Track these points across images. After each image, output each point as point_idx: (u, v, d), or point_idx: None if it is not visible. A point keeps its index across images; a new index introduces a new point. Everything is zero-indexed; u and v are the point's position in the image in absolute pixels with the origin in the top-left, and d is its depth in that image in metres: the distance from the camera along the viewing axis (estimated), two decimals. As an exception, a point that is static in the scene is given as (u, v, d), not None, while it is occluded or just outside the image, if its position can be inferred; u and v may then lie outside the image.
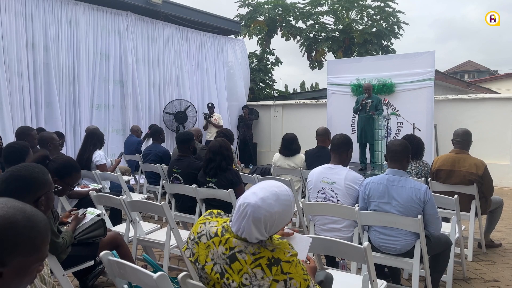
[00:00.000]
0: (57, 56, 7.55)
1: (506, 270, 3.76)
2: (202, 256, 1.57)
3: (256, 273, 1.44)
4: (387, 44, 13.76)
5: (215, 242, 1.54)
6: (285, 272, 1.43)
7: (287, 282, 1.43)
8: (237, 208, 1.50)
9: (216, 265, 1.52)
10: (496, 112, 8.36)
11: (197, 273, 1.63)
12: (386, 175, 2.86)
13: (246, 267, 1.46)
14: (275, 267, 1.44)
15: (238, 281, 1.46)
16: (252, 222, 1.45)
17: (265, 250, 1.48)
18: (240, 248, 1.49)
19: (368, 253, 2.04)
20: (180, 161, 4.11)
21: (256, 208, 1.45)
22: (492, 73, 34.30)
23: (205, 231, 1.60)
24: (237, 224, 1.50)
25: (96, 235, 2.84)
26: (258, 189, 1.50)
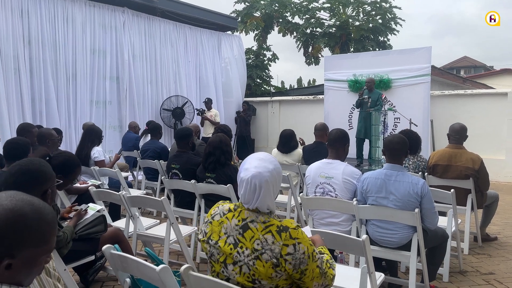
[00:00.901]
0: (54, 52, 7.54)
1: (501, 263, 3.82)
2: (215, 233, 1.67)
3: (267, 239, 1.56)
4: (383, 40, 13.79)
5: (229, 217, 1.67)
6: (294, 238, 1.56)
7: (296, 246, 1.55)
8: (244, 186, 1.62)
9: (229, 237, 1.63)
10: (492, 108, 8.42)
11: (208, 252, 1.70)
12: (384, 170, 2.90)
13: (257, 234, 1.58)
14: (284, 233, 1.56)
15: (250, 248, 1.57)
16: (262, 188, 1.60)
17: (274, 220, 1.63)
18: (252, 218, 1.62)
19: (367, 246, 2.08)
20: (179, 157, 4.13)
21: (259, 175, 1.60)
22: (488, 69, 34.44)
23: (218, 211, 1.73)
24: (248, 197, 1.62)
25: (97, 230, 2.86)
26: (248, 165, 1.65)
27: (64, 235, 2.56)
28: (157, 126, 6.18)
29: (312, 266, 1.59)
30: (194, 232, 3.69)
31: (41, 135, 4.35)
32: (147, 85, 9.34)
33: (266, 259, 1.54)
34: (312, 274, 1.59)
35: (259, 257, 1.56)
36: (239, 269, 1.60)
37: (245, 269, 1.59)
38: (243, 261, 1.58)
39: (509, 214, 5.68)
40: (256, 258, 1.56)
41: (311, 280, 1.60)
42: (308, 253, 1.58)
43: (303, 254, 1.56)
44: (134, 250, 3.36)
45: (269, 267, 1.55)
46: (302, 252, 1.56)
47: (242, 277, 1.60)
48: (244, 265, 1.58)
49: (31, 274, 1.14)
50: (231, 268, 1.62)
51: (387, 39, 13.80)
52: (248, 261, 1.57)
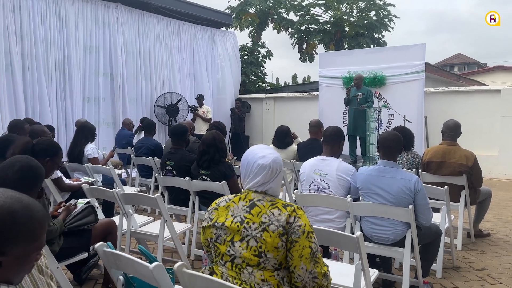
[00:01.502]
0: (46, 48, 7.46)
1: (494, 259, 3.84)
2: (222, 217, 1.74)
3: (273, 212, 1.67)
4: (378, 37, 13.81)
5: (235, 200, 1.76)
6: (296, 213, 1.68)
7: (296, 218, 1.65)
8: (265, 171, 1.73)
9: (236, 217, 1.71)
10: (485, 104, 8.47)
11: (214, 235, 1.75)
12: (377, 166, 2.90)
13: (264, 210, 1.68)
14: (289, 207, 1.69)
15: (258, 221, 1.66)
16: (280, 171, 1.78)
17: (280, 200, 1.75)
18: (259, 198, 1.73)
19: (361, 243, 2.08)
20: (174, 154, 4.11)
21: (277, 159, 1.77)
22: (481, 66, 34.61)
23: (223, 199, 1.82)
24: (265, 180, 1.74)
25: (88, 221, 2.83)
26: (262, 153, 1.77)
27: (55, 226, 2.54)
28: (151, 123, 6.14)
29: (304, 243, 1.63)
30: (188, 229, 3.68)
31: (33, 132, 4.31)
32: (141, 81, 9.28)
33: (273, 229, 1.63)
34: (301, 250, 1.63)
35: (266, 229, 1.64)
36: (246, 244, 1.66)
37: (252, 243, 1.65)
38: (250, 234, 1.66)
39: (502, 210, 5.72)
40: (264, 230, 1.64)
41: (299, 256, 1.63)
42: (304, 229, 1.65)
43: (299, 226, 1.64)
44: (128, 248, 3.34)
45: (276, 236, 1.63)
46: (299, 224, 1.64)
47: (249, 252, 1.65)
48: (252, 238, 1.65)
49: (22, 271, 1.13)
50: (238, 244, 1.68)
51: (381, 36, 13.83)
52: (256, 234, 1.65)
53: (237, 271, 1.68)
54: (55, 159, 3.00)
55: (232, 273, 1.69)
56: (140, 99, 9.31)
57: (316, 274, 1.66)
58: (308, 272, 1.65)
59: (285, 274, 1.70)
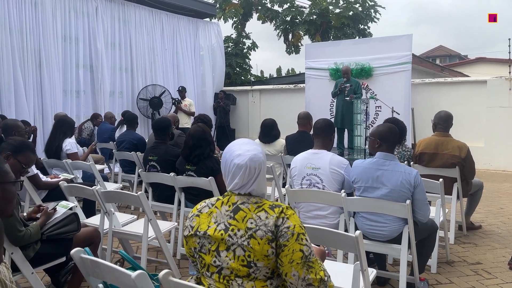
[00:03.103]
0: (21, 39, 7.13)
1: (488, 252, 3.78)
2: (203, 224, 1.57)
3: (260, 216, 1.51)
4: (364, 28, 13.71)
5: (218, 205, 1.59)
6: (285, 213, 1.52)
7: (284, 219, 1.50)
8: (242, 171, 1.55)
9: (219, 224, 1.54)
10: (471, 95, 8.46)
11: (197, 245, 1.57)
12: (375, 159, 2.77)
13: (250, 214, 1.52)
14: (277, 208, 1.53)
15: (243, 228, 1.49)
16: (260, 170, 1.57)
17: (266, 200, 1.58)
18: (243, 200, 1.56)
19: (360, 243, 1.94)
20: (157, 148, 3.91)
21: (255, 157, 1.56)
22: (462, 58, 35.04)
23: (206, 204, 1.63)
24: (244, 181, 1.56)
25: (69, 230, 2.63)
26: (240, 151, 1.58)
27: (27, 231, 2.34)
28: (133, 116, 5.91)
29: (294, 246, 1.47)
30: (174, 227, 3.51)
31: (7, 127, 4.06)
32: (123, 74, 9.01)
33: (261, 235, 1.47)
34: (291, 255, 1.46)
35: (254, 235, 1.48)
36: (232, 253, 1.49)
37: (239, 252, 1.48)
38: (236, 243, 1.49)
39: (491, 201, 5.70)
40: (250, 236, 1.48)
41: (289, 262, 1.46)
42: (293, 230, 1.49)
43: (287, 228, 1.49)
44: (110, 248, 3.15)
45: (265, 243, 1.47)
46: (287, 226, 1.49)
47: (237, 262, 1.48)
48: (238, 247, 1.48)
49: None
50: (225, 254, 1.50)
51: (367, 27, 13.72)
52: (242, 242, 1.48)
53: (225, 283, 1.51)
54: (18, 156, 2.77)
55: (220, 285, 1.52)
56: (123, 92, 9.03)
57: (311, 281, 1.48)
58: (301, 279, 1.47)
59: (279, 283, 1.54)
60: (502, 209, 5.31)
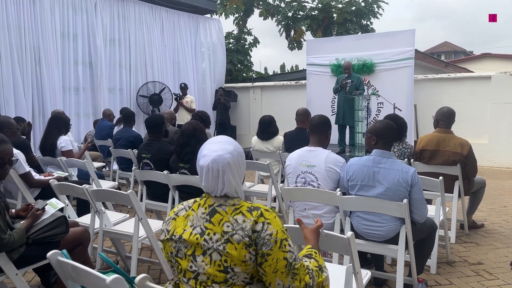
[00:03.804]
0: (19, 35, 7.07)
1: (490, 252, 3.68)
2: (179, 228, 1.50)
3: (237, 219, 1.43)
4: (366, 24, 13.55)
5: (194, 208, 1.52)
6: (265, 217, 1.43)
7: (265, 225, 1.41)
8: (205, 173, 1.48)
9: (195, 228, 1.46)
10: (475, 91, 8.32)
11: (174, 250, 1.50)
12: (372, 156, 2.68)
13: (226, 217, 1.44)
14: (255, 211, 1.44)
15: (219, 231, 1.42)
16: (225, 172, 1.47)
17: (244, 202, 1.50)
18: (220, 202, 1.48)
19: (352, 244, 1.86)
20: (150, 146, 3.84)
21: (219, 158, 1.47)
22: (467, 54, 34.70)
23: (183, 207, 1.57)
24: (212, 184, 1.48)
25: (57, 233, 2.53)
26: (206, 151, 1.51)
27: (10, 238, 2.26)
28: (130, 113, 5.84)
29: (278, 255, 1.40)
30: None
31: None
32: (123, 70, 8.93)
33: (238, 240, 1.39)
34: (275, 264, 1.39)
35: (230, 240, 1.40)
36: (209, 258, 1.42)
37: (216, 256, 1.41)
38: (212, 247, 1.41)
39: (494, 199, 5.58)
40: (227, 241, 1.40)
41: (273, 272, 1.39)
42: (276, 237, 1.40)
43: (269, 235, 1.40)
44: (100, 248, 3.08)
45: (242, 248, 1.39)
46: (269, 233, 1.40)
47: (213, 267, 1.41)
48: (214, 251, 1.41)
49: None
50: (201, 259, 1.43)
51: (370, 23, 13.57)
52: (218, 247, 1.40)
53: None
54: None
55: None
56: (122, 89, 8.96)
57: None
58: None
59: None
60: (506, 207, 5.19)
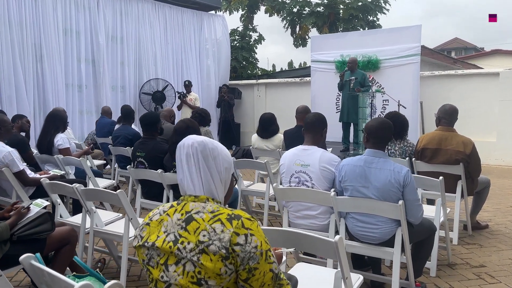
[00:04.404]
0: (21, 32, 7.07)
1: (493, 254, 3.56)
2: (153, 234, 1.39)
3: (215, 228, 1.31)
4: (373, 20, 13.35)
5: (170, 213, 1.41)
6: (246, 227, 1.32)
7: (248, 237, 1.30)
8: (179, 167, 1.44)
9: (169, 235, 1.36)
10: (483, 88, 8.14)
11: (146, 257, 1.40)
12: (363, 156, 2.58)
13: (203, 224, 1.33)
14: (235, 221, 1.33)
15: (194, 241, 1.31)
16: (206, 158, 1.42)
17: (225, 209, 1.38)
18: (198, 209, 1.37)
19: (340, 248, 1.77)
20: (145, 144, 3.77)
21: (202, 143, 1.42)
22: (478, 50, 34.18)
23: (158, 211, 1.46)
24: (189, 176, 1.41)
25: (42, 230, 2.49)
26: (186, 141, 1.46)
27: None
28: (129, 110, 5.77)
29: (264, 268, 1.31)
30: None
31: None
32: (125, 68, 8.90)
33: (214, 251, 1.28)
34: (262, 278, 1.32)
35: (205, 250, 1.29)
36: (182, 268, 1.32)
37: (189, 267, 1.31)
38: (186, 257, 1.31)
39: (500, 199, 5.44)
40: (202, 251, 1.29)
41: (260, 286, 1.32)
42: (262, 249, 1.31)
43: (255, 248, 1.30)
44: (91, 248, 3.03)
45: (218, 260, 1.28)
46: (254, 246, 1.30)
47: (186, 278, 1.31)
48: (188, 262, 1.31)
49: None
50: (173, 269, 1.33)
51: (376, 19, 13.36)
52: (192, 257, 1.30)
53: None
54: None
55: None
56: (124, 86, 8.93)
57: None
58: None
59: None
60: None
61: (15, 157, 3.74)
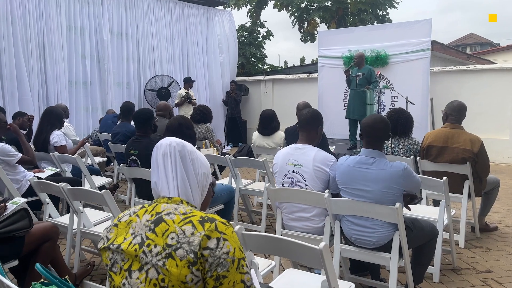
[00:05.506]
0: (25, 28, 7.03)
1: (501, 258, 3.38)
2: (120, 236, 1.28)
3: (185, 230, 1.20)
4: (383, 14, 13.06)
5: (140, 214, 1.30)
6: (220, 231, 1.21)
7: (220, 241, 1.19)
8: (154, 167, 1.37)
9: (136, 237, 1.25)
10: (496, 84, 7.86)
11: (109, 262, 1.28)
12: (359, 156, 2.43)
13: (173, 226, 1.22)
14: (208, 223, 1.22)
15: (162, 244, 1.20)
16: (184, 158, 1.36)
17: (199, 212, 1.28)
18: (169, 210, 1.27)
19: (325, 256, 1.63)
20: (138, 142, 3.66)
21: (180, 144, 1.38)
22: (494, 46, 33.45)
23: (128, 212, 1.36)
24: (164, 177, 1.34)
25: (19, 227, 2.41)
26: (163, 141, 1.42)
27: None
28: (129, 107, 5.66)
29: (235, 277, 1.19)
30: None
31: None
32: (130, 64, 8.83)
33: (181, 256, 1.17)
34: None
35: (172, 254, 1.17)
36: (145, 275, 1.20)
37: (152, 274, 1.18)
38: (150, 262, 1.19)
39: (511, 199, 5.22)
40: (168, 256, 1.18)
41: None
42: (234, 256, 1.19)
43: (226, 254, 1.18)
44: (78, 250, 2.94)
45: (184, 266, 1.16)
46: (226, 251, 1.19)
47: (148, 287, 1.19)
48: (152, 267, 1.19)
49: None
50: (136, 275, 1.21)
51: (386, 13, 13.07)
52: (157, 262, 1.18)
53: None
54: None
55: None
56: (129, 83, 8.86)
57: None
58: None
59: None
60: (524, 208, 4.84)
61: (8, 150, 3.70)
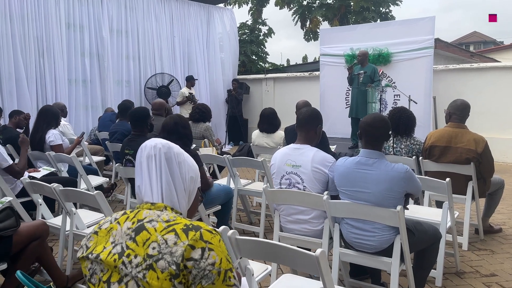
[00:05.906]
0: (23, 26, 6.97)
1: (506, 261, 3.28)
2: (100, 245, 1.20)
3: (167, 240, 1.12)
4: (385, 12, 12.93)
5: (121, 221, 1.23)
6: (205, 240, 1.13)
7: (205, 252, 1.11)
8: (138, 169, 1.29)
9: (116, 246, 1.17)
10: (500, 82, 7.74)
11: (88, 272, 1.20)
12: (358, 158, 2.34)
13: (155, 235, 1.14)
14: (192, 232, 1.14)
15: (142, 254, 1.12)
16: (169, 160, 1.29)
17: (183, 219, 1.20)
18: (152, 218, 1.19)
19: (322, 263, 1.54)
20: (133, 141, 3.58)
21: (166, 145, 1.31)
22: (498, 44, 33.25)
23: (109, 219, 1.28)
24: (148, 180, 1.26)
25: (6, 227, 2.34)
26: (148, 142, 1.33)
27: None
28: (127, 106, 5.57)
29: None
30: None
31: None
32: (130, 62, 8.75)
33: (163, 268, 1.09)
34: None
35: (153, 266, 1.09)
36: (124, 287, 1.13)
37: (132, 286, 1.11)
38: (130, 274, 1.11)
39: (517, 200, 5.12)
40: (149, 267, 1.10)
41: None
42: (220, 268, 1.11)
43: (212, 266, 1.10)
44: (71, 252, 2.87)
45: (165, 278, 1.08)
46: (211, 262, 1.10)
47: None
48: (132, 279, 1.11)
49: None
50: (116, 287, 1.14)
51: (389, 10, 12.94)
52: (137, 273, 1.10)
53: None
54: None
55: None
56: (129, 81, 8.79)
57: None
58: None
59: None
60: (529, 209, 4.74)
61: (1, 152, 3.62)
